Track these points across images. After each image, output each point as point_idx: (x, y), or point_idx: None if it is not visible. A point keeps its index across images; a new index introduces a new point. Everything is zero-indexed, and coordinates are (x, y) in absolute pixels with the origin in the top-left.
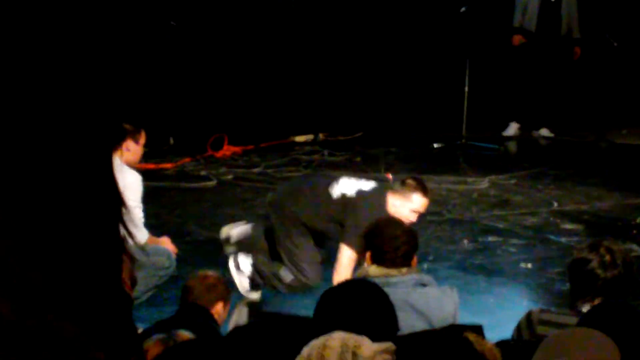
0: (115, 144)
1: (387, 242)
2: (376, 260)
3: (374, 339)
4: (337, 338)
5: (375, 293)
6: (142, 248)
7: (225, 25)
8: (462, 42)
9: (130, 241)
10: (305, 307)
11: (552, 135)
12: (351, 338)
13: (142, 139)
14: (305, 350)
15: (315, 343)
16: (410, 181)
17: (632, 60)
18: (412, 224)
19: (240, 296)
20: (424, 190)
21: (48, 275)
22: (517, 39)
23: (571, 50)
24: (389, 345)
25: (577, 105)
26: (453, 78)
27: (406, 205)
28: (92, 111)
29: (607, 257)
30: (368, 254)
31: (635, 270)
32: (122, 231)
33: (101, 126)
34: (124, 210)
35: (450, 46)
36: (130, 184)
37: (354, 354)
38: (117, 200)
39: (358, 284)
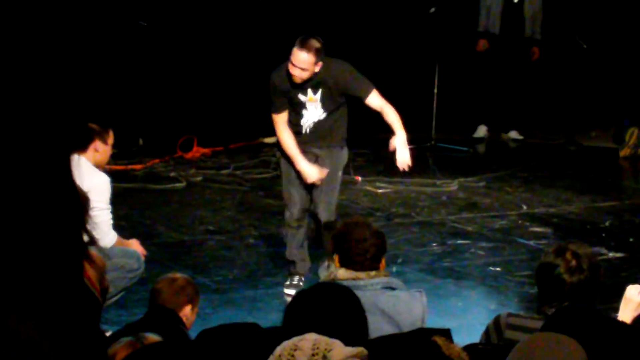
0: (83, 145)
1: (355, 245)
2: (344, 263)
3: (345, 342)
4: (309, 339)
5: (345, 296)
6: (108, 251)
7: (194, 26)
8: (431, 43)
9: (96, 245)
10: None
11: (521, 137)
12: (323, 340)
13: (111, 139)
14: (277, 350)
15: (287, 343)
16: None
17: (601, 63)
18: (379, 224)
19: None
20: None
21: (7, 278)
22: (481, 44)
23: (529, 50)
24: (360, 349)
25: (546, 107)
26: (422, 80)
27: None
28: (51, 113)
29: (574, 262)
30: (336, 257)
31: (602, 273)
32: (86, 235)
33: (59, 129)
34: (89, 213)
35: (419, 47)
36: (99, 186)
37: (324, 357)
38: (77, 204)
39: (328, 288)
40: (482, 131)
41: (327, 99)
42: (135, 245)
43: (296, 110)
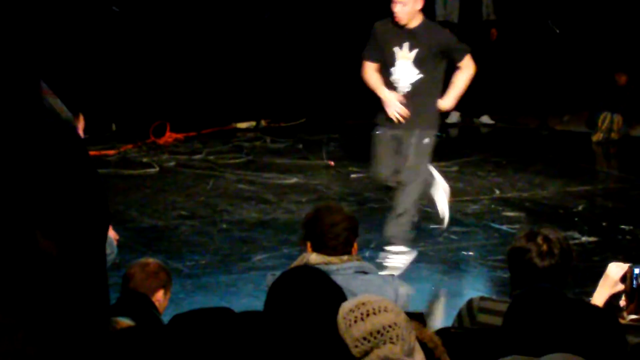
0: None
1: (327, 229)
2: (316, 248)
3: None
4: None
5: (322, 280)
6: None
7: (167, 10)
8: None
9: None
10: None
11: (492, 122)
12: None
13: (81, 124)
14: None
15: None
16: None
17: (573, 47)
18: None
19: None
20: None
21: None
22: None
23: (488, 33)
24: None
25: (518, 92)
26: None
27: None
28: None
29: (545, 247)
30: (308, 242)
31: (574, 257)
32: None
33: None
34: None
35: None
36: None
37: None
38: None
39: (304, 272)
40: (455, 116)
41: (421, 59)
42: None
43: (388, 64)
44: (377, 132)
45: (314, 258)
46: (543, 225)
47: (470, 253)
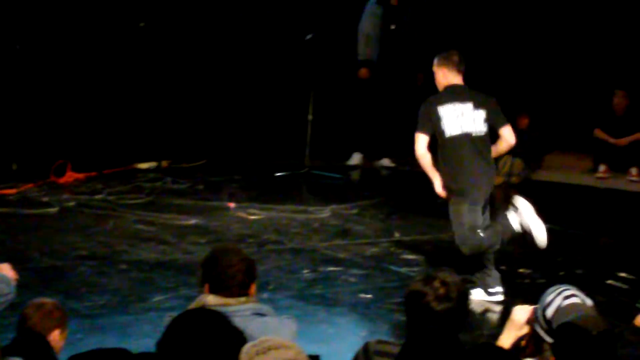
0: None
1: (224, 271)
2: (213, 290)
3: None
4: None
5: (219, 322)
6: None
7: (66, 48)
8: (307, 70)
9: None
10: None
11: (393, 165)
12: None
13: None
14: None
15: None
16: None
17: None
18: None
19: None
20: None
21: None
22: (364, 72)
23: (414, 77)
24: None
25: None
26: (297, 107)
27: None
28: None
29: (442, 290)
30: (206, 285)
31: (470, 301)
32: None
33: None
34: None
35: (294, 74)
36: None
37: None
38: None
39: (202, 314)
40: (356, 159)
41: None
42: (6, 269)
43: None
44: None
45: (211, 300)
46: (440, 269)
47: (369, 296)
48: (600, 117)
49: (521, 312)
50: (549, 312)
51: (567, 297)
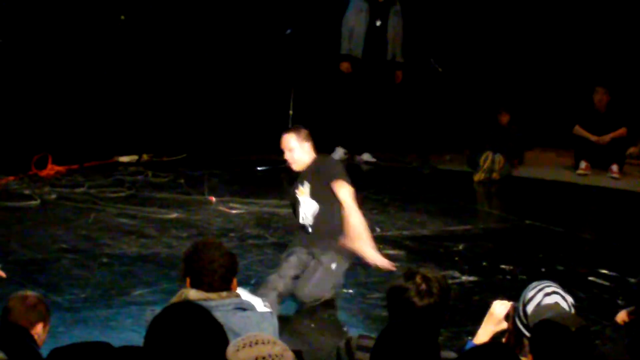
0: None
1: (205, 266)
2: (195, 284)
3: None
4: None
5: (202, 316)
6: None
7: (47, 42)
8: (287, 65)
9: None
10: None
11: (374, 160)
12: None
13: None
14: None
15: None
16: None
17: (456, 86)
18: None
19: None
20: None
21: None
22: (346, 66)
23: (394, 75)
24: None
25: (400, 129)
26: (278, 102)
27: None
28: None
29: (423, 286)
30: (188, 279)
31: (452, 297)
32: None
33: None
34: None
35: (275, 68)
36: None
37: None
38: None
39: (185, 308)
40: (338, 153)
41: (314, 191)
42: None
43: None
44: None
45: (193, 294)
46: (422, 264)
47: (350, 291)
48: (581, 114)
49: (500, 307)
50: (529, 308)
51: (548, 294)
